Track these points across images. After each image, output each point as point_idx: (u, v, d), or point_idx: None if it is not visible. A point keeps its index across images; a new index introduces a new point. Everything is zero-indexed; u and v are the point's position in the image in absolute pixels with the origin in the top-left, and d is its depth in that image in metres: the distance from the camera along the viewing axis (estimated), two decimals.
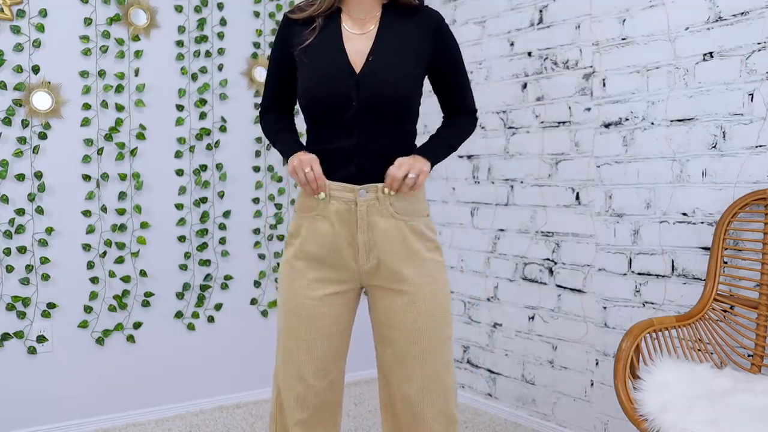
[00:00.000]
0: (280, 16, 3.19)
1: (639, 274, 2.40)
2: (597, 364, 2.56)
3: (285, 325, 1.65)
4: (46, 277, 2.68)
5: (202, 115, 3.00)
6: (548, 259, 2.74)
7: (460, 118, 1.75)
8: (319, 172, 1.54)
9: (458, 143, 1.73)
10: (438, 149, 1.67)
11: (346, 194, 1.57)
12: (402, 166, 1.54)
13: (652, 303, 2.36)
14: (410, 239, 1.59)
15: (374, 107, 1.56)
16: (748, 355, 1.99)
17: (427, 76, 1.70)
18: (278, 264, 3.22)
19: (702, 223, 2.21)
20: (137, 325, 2.88)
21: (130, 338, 2.86)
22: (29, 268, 2.65)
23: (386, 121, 1.58)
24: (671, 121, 2.29)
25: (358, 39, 1.61)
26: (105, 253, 2.80)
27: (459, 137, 1.73)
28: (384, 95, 1.56)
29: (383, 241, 1.58)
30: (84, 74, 2.73)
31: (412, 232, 1.60)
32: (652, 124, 2.35)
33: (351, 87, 1.55)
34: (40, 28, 2.64)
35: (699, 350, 1.95)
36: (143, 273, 2.88)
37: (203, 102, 3.00)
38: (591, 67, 2.55)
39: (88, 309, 2.77)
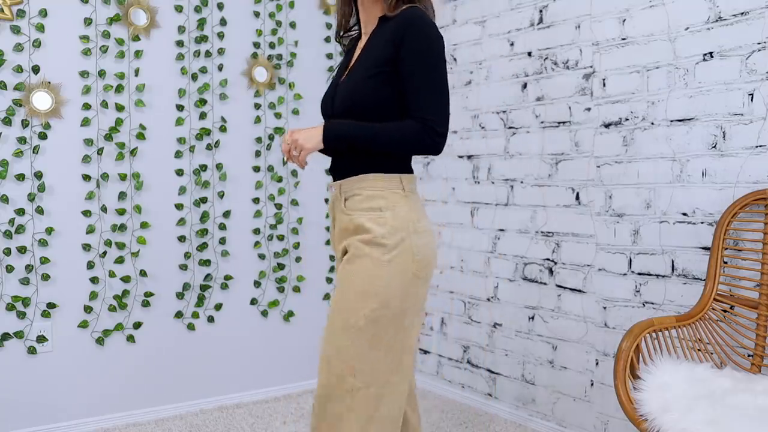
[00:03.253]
0: (280, 16, 3.19)
1: (639, 274, 2.40)
2: (597, 364, 2.56)
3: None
4: (46, 277, 2.68)
5: (202, 115, 3.00)
6: (548, 259, 2.74)
7: (407, 121, 1.62)
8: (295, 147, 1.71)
9: (387, 142, 1.62)
10: (351, 131, 1.65)
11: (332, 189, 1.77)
12: (285, 143, 1.70)
13: (652, 303, 2.36)
14: (351, 231, 1.67)
15: (339, 112, 1.71)
16: (748, 355, 1.99)
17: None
18: (278, 264, 3.22)
19: (702, 223, 2.21)
20: (137, 325, 2.88)
21: (130, 338, 2.86)
22: (29, 268, 2.65)
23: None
24: (671, 121, 2.29)
25: (357, 55, 1.77)
26: (105, 253, 2.80)
27: (391, 136, 1.62)
28: (343, 101, 1.69)
29: (336, 230, 1.75)
30: (84, 74, 2.73)
31: (354, 226, 1.66)
32: (652, 124, 2.35)
33: (332, 95, 1.77)
34: (40, 28, 2.64)
35: (699, 350, 1.95)
36: (143, 273, 2.88)
37: (203, 102, 3.00)
38: (591, 67, 2.55)
39: (88, 309, 2.77)
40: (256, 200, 3.16)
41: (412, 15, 1.63)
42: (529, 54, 2.80)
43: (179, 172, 2.96)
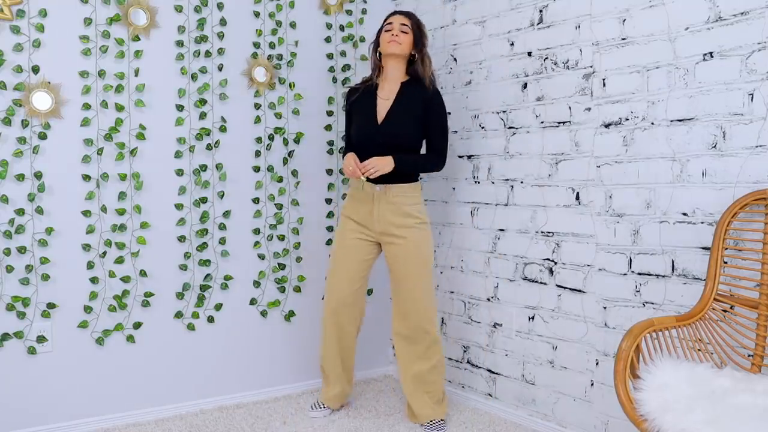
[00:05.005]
0: (280, 16, 3.19)
1: (639, 274, 2.40)
2: (597, 364, 2.56)
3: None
4: (46, 277, 2.68)
5: (202, 115, 3.00)
6: (548, 259, 2.74)
7: (432, 154, 2.83)
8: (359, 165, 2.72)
9: (423, 166, 2.82)
10: (406, 161, 2.75)
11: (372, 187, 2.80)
12: (371, 161, 2.68)
13: (652, 303, 2.36)
14: (399, 215, 2.76)
15: (385, 141, 2.74)
16: (748, 355, 1.99)
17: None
18: (278, 264, 3.23)
19: (702, 223, 2.21)
20: (137, 325, 2.88)
21: (130, 338, 2.86)
22: (29, 268, 2.65)
23: (393, 152, 2.72)
24: (671, 121, 2.29)
25: (384, 103, 2.81)
26: (105, 253, 2.80)
27: (425, 163, 2.82)
28: (392, 137, 2.75)
29: (375, 215, 2.79)
30: (84, 74, 2.73)
31: (399, 212, 2.77)
32: (652, 124, 2.35)
33: (376, 129, 2.78)
34: (40, 28, 2.64)
35: (699, 350, 1.95)
36: (143, 273, 2.88)
37: (203, 102, 3.00)
38: (591, 67, 2.55)
39: (88, 309, 2.77)
40: (256, 200, 3.16)
41: (437, 92, 2.81)
42: (529, 54, 2.80)
43: (179, 172, 2.96)
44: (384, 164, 2.67)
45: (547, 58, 2.73)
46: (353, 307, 2.88)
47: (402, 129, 2.74)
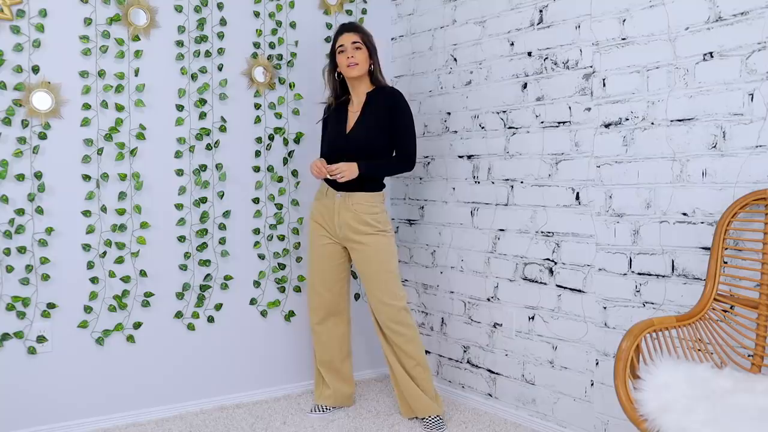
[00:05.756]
0: (280, 16, 3.19)
1: (639, 274, 2.40)
2: (597, 364, 2.56)
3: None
4: (46, 277, 2.68)
5: (202, 115, 3.00)
6: (548, 259, 2.74)
7: (399, 155, 2.88)
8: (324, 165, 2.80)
9: (390, 169, 2.88)
10: (371, 165, 2.81)
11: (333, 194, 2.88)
12: (338, 166, 2.75)
13: (652, 303, 2.36)
14: (359, 222, 2.81)
15: (353, 150, 2.81)
16: (748, 355, 1.99)
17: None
18: (278, 264, 3.23)
19: (702, 223, 2.21)
20: (137, 325, 2.88)
21: (130, 338, 2.86)
22: (29, 268, 2.65)
23: (361, 160, 2.78)
24: (671, 121, 2.29)
25: (353, 115, 2.90)
26: (105, 253, 2.80)
27: (392, 166, 2.88)
28: (359, 144, 2.82)
29: (337, 221, 2.85)
30: (84, 74, 2.73)
31: (359, 219, 2.81)
32: (652, 124, 2.35)
33: (345, 139, 2.86)
34: (40, 28, 2.64)
35: (699, 350, 1.95)
36: (143, 273, 2.88)
37: (203, 102, 3.00)
38: (591, 67, 2.55)
39: (87, 309, 2.77)
40: (256, 200, 3.16)
41: (399, 96, 2.88)
42: (529, 54, 2.80)
43: (179, 172, 2.96)
44: (350, 169, 2.74)
45: (547, 58, 2.73)
46: (336, 310, 2.96)
47: (368, 138, 2.81)
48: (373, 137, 2.81)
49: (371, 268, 2.79)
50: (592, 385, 2.58)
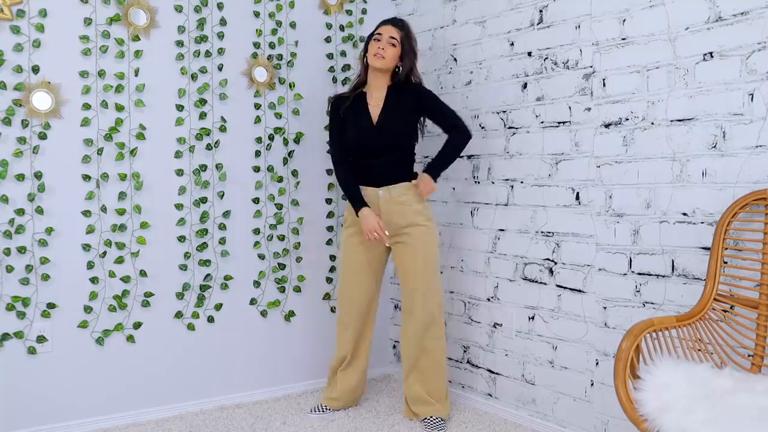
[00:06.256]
0: (280, 16, 3.19)
1: (639, 274, 2.40)
2: (597, 364, 2.56)
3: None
4: (46, 277, 2.68)
5: (202, 115, 3.00)
6: (548, 259, 2.74)
7: (451, 132, 2.84)
8: (384, 229, 2.77)
9: (454, 151, 2.83)
10: (438, 164, 2.81)
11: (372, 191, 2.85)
12: (424, 188, 2.77)
13: (652, 303, 2.36)
14: (408, 214, 2.80)
15: (386, 144, 2.81)
16: (748, 355, 1.99)
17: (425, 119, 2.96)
18: (278, 264, 3.22)
19: (702, 223, 2.21)
20: (137, 325, 2.88)
21: (130, 338, 2.86)
22: (29, 268, 2.65)
23: (390, 151, 2.81)
24: (671, 121, 2.29)
25: (375, 108, 2.85)
26: (105, 253, 2.80)
27: (453, 148, 2.83)
28: (391, 137, 2.82)
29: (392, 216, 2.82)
30: (84, 74, 2.73)
31: (410, 210, 2.80)
32: (652, 124, 2.35)
33: (373, 133, 2.83)
34: (40, 28, 2.64)
35: (699, 350, 1.95)
36: (143, 273, 2.88)
37: (203, 102, 3.00)
38: (591, 67, 2.55)
39: (87, 309, 2.77)
40: (256, 200, 3.16)
41: (421, 85, 2.89)
42: (529, 54, 2.80)
43: (179, 172, 2.96)
44: (429, 184, 2.77)
45: (547, 58, 2.73)
46: (368, 315, 2.99)
47: (397, 127, 2.81)
48: (403, 128, 2.82)
49: (417, 265, 2.79)
50: (592, 385, 2.58)
